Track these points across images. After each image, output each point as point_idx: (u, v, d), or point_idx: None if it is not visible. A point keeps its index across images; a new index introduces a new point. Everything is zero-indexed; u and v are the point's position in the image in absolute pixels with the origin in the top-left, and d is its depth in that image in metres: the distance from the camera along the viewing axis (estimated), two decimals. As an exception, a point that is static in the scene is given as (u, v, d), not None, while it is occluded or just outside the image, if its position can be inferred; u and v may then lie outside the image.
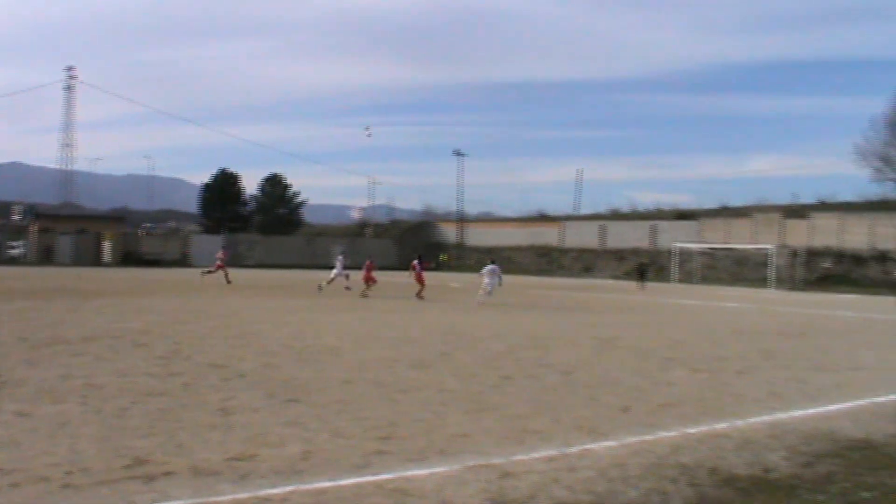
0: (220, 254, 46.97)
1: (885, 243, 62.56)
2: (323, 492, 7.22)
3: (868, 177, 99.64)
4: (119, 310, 26.43)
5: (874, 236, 63.45)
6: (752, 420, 11.16)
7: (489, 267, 36.48)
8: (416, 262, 38.85)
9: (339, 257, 41.33)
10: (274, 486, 7.31)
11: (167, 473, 7.61)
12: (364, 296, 36.99)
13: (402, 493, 7.30)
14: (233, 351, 16.79)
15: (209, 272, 45.87)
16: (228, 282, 43.86)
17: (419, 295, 36.28)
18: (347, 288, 39.03)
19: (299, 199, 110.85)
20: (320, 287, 39.50)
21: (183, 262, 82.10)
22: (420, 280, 37.33)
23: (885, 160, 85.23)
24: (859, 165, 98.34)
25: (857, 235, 64.24)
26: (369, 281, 38.30)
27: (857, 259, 63.56)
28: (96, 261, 78.67)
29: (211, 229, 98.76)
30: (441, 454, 8.71)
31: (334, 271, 40.41)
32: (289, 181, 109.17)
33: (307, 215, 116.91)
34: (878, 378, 15.88)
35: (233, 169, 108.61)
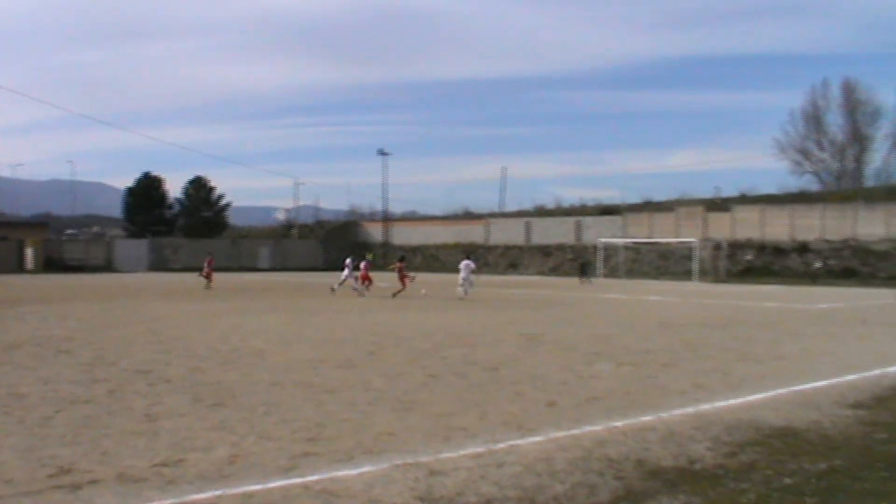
0: (207, 259, 49.53)
1: (805, 234, 63.69)
2: (250, 495, 7.21)
3: (787, 169, 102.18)
4: (42, 317, 26.06)
5: (794, 228, 64.51)
6: (677, 412, 11.32)
7: (464, 262, 38.70)
8: (399, 262, 40.24)
9: (347, 261, 41.76)
10: (201, 492, 7.28)
11: (93, 482, 7.55)
12: (361, 295, 38.39)
13: (329, 494, 7.31)
14: (158, 356, 16.63)
15: (205, 276, 47.53)
16: (208, 287, 45.52)
17: (395, 294, 37.12)
18: (355, 290, 39.56)
19: (224, 202, 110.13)
20: (333, 289, 40.33)
21: (107, 267, 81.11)
22: (402, 281, 38.26)
23: (804, 153, 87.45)
24: (779, 159, 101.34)
25: (778, 227, 65.29)
26: (366, 280, 39.46)
27: (779, 250, 64.57)
28: (19, 268, 77.15)
29: (135, 234, 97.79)
30: (368, 454, 8.73)
31: (344, 273, 40.99)
32: (213, 184, 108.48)
33: (232, 217, 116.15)
34: (800, 367, 16.18)
35: (156, 172, 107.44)
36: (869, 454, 9.02)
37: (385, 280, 42.64)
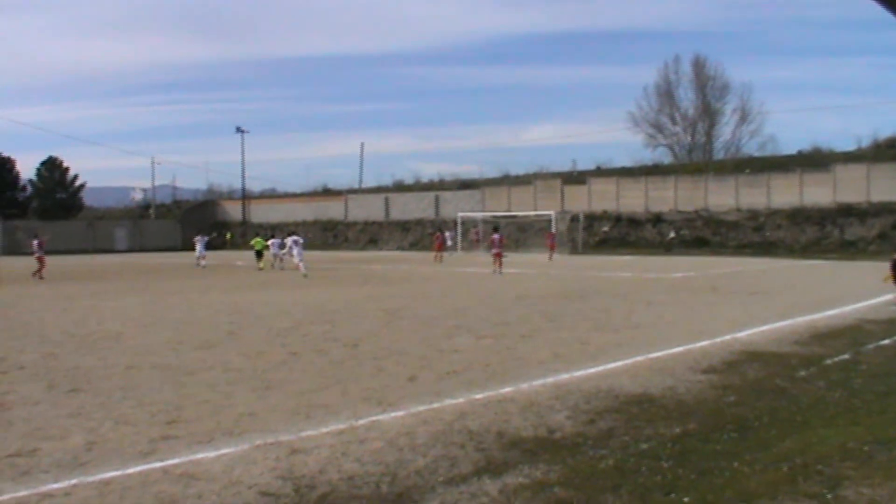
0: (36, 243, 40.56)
1: (659, 206, 65.15)
2: (108, 482, 7.09)
3: (642, 143, 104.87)
4: None
5: (649, 200, 65.91)
6: (536, 382, 11.51)
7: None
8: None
9: (495, 235, 40.11)
10: (57, 481, 7.14)
11: (-58, 474, 7.31)
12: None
13: (189, 477, 7.24)
14: (11, 342, 16.17)
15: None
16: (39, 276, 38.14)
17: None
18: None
19: (79, 183, 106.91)
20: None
21: (-45, 251, 78.27)
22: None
23: (657, 127, 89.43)
24: (633, 132, 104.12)
25: (633, 199, 66.61)
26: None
27: (634, 222, 65.86)
28: None
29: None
30: (229, 435, 8.67)
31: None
32: (67, 164, 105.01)
33: (88, 199, 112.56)
34: (654, 334, 16.59)
35: (7, 153, 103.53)
36: (720, 417, 9.32)
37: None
